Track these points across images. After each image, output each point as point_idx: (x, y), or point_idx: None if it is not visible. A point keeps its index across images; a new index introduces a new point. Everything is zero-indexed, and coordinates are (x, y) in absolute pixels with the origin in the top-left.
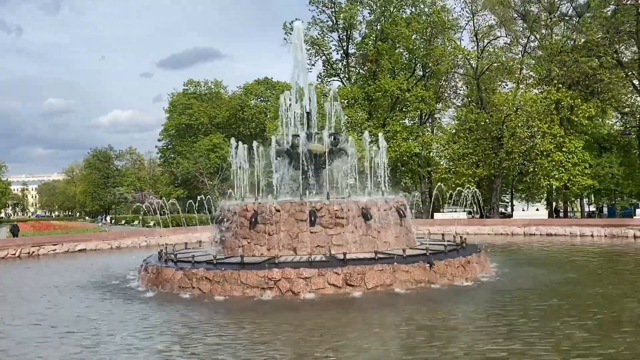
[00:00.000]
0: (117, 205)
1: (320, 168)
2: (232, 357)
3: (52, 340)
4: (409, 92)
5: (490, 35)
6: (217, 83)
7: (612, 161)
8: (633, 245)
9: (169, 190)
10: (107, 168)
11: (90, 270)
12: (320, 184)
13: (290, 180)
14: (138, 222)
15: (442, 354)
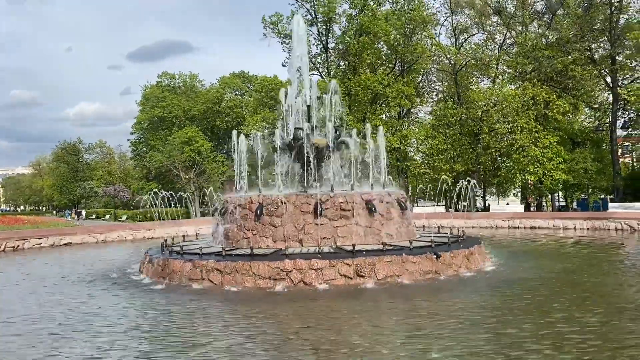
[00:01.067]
0: (87, 199)
1: (322, 161)
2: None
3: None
4: (389, 87)
5: (468, 32)
6: (193, 76)
7: (586, 156)
8: (616, 237)
9: (141, 184)
10: (77, 161)
11: (87, 263)
12: (321, 176)
13: (291, 172)
14: (110, 216)
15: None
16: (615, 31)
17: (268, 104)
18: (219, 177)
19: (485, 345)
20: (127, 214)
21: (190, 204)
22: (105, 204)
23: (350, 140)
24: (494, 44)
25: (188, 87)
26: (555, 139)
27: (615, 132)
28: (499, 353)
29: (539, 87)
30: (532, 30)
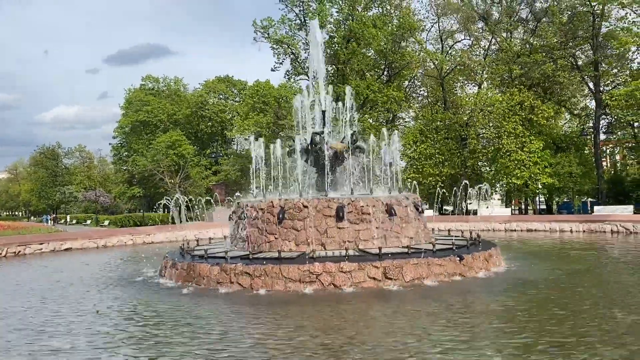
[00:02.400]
0: (66, 204)
1: (338, 165)
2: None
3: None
4: (379, 93)
5: (454, 37)
6: (177, 80)
7: (571, 160)
8: (615, 239)
9: (123, 188)
10: (56, 166)
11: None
12: (336, 180)
13: (308, 176)
14: (91, 221)
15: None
16: (598, 38)
17: (261, 108)
18: (203, 182)
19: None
20: (109, 219)
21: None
22: (85, 209)
23: (364, 145)
24: (480, 49)
25: (172, 91)
26: (540, 143)
27: (598, 136)
28: (556, 350)
29: (525, 93)
30: (517, 36)
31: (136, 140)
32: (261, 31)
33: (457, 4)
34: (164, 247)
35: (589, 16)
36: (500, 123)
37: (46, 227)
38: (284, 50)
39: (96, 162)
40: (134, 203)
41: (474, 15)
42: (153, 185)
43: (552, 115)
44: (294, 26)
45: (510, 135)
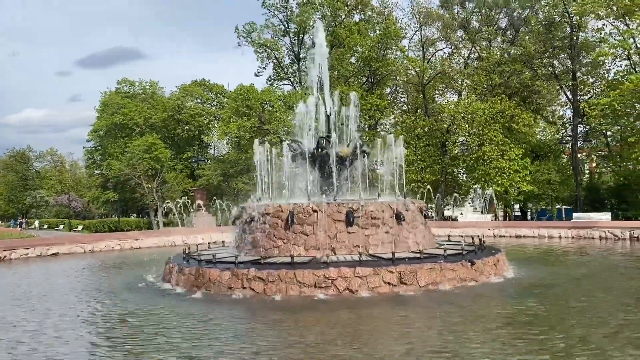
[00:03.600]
0: (37, 209)
1: (343, 170)
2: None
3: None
4: (363, 100)
5: (435, 46)
6: (153, 83)
7: (550, 168)
8: (606, 245)
9: (97, 193)
10: (26, 170)
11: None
12: (341, 185)
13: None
14: (64, 226)
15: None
16: (575, 48)
17: (244, 112)
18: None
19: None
20: (82, 224)
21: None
22: (57, 214)
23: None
24: (460, 57)
25: (148, 95)
26: (520, 151)
27: (576, 144)
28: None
29: (505, 101)
30: (496, 45)
31: (111, 144)
32: (244, 36)
33: (438, 12)
34: (153, 253)
35: (566, 26)
36: (482, 131)
37: (18, 232)
38: (268, 54)
39: (68, 166)
40: (107, 208)
41: (454, 24)
42: (129, 189)
43: (532, 124)
44: (278, 31)
45: (491, 142)
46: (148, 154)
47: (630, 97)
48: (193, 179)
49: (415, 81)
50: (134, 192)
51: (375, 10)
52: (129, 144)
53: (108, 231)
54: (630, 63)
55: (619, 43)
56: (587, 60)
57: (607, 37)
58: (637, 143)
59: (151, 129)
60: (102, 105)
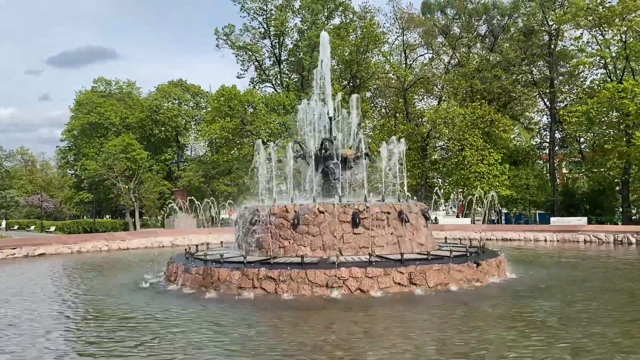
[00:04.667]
0: (7, 209)
1: (345, 171)
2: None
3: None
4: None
5: (417, 51)
6: (130, 83)
7: (528, 173)
8: (591, 248)
9: (70, 193)
10: None
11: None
12: (343, 186)
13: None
14: (35, 227)
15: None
16: (553, 56)
17: (227, 113)
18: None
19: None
20: (55, 225)
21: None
22: (27, 214)
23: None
24: (441, 63)
25: (125, 94)
26: (499, 156)
27: (554, 150)
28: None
29: (485, 107)
30: (476, 52)
31: (86, 144)
32: (223, 38)
33: (419, 18)
34: (142, 254)
35: (545, 34)
36: (462, 136)
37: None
38: (249, 57)
39: (39, 165)
40: (79, 209)
41: (435, 30)
42: (103, 190)
43: (511, 130)
44: (258, 34)
45: (471, 147)
46: (124, 154)
47: (607, 105)
48: (170, 181)
49: (396, 85)
50: (108, 193)
51: (357, 14)
52: (104, 144)
53: (83, 232)
54: (607, 72)
55: (597, 52)
56: (564, 69)
57: (585, 46)
58: (613, 150)
59: (127, 129)
60: (77, 104)
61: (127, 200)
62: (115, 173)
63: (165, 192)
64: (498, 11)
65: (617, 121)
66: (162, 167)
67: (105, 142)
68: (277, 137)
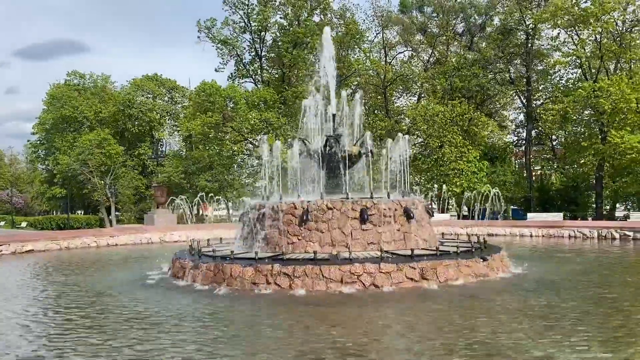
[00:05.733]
0: None
1: (349, 168)
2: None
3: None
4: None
5: (396, 49)
6: (105, 77)
7: (505, 169)
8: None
9: (42, 189)
10: None
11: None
12: (346, 182)
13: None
14: (5, 223)
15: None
16: (530, 55)
17: (207, 108)
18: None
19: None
20: (27, 221)
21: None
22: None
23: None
24: (420, 60)
25: (99, 88)
26: (477, 153)
27: (530, 147)
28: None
29: (465, 104)
30: (454, 50)
31: (59, 138)
32: (205, 31)
33: (398, 16)
34: (133, 250)
35: (522, 34)
36: (442, 133)
37: None
38: (229, 51)
39: (7, 160)
40: (51, 204)
41: (413, 28)
42: (76, 185)
43: (491, 127)
44: (238, 28)
45: (451, 144)
46: (100, 149)
47: (582, 104)
48: (144, 176)
49: (376, 82)
50: (82, 188)
51: (336, 12)
52: (78, 139)
53: (57, 229)
54: (582, 71)
55: (574, 52)
56: (540, 67)
57: (562, 45)
58: (589, 148)
59: (101, 124)
60: (49, 98)
61: (102, 195)
62: (90, 168)
63: (141, 188)
64: (475, 10)
65: (592, 119)
66: (137, 163)
67: (79, 137)
68: (258, 133)
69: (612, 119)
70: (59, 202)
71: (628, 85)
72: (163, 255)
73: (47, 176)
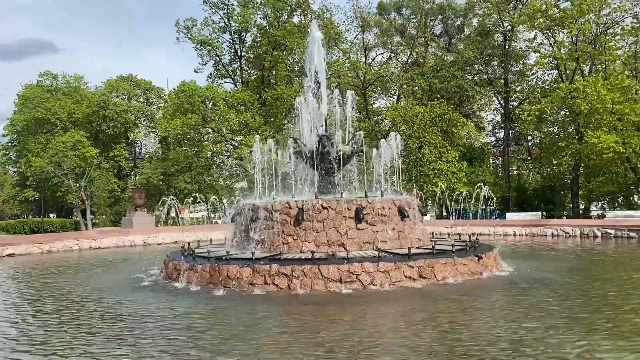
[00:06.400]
0: None
1: (340, 168)
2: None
3: None
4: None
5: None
6: (78, 77)
7: (485, 170)
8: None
9: (13, 192)
10: None
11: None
12: (338, 183)
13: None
14: None
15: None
16: (508, 56)
17: (187, 109)
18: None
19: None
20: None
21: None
22: None
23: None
24: (398, 62)
25: (72, 89)
26: (456, 154)
27: (508, 148)
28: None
29: (444, 105)
30: (432, 51)
31: (31, 140)
32: (184, 32)
33: (376, 18)
34: (117, 253)
35: (499, 35)
36: (422, 134)
37: None
38: (208, 51)
39: None
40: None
41: (392, 29)
42: (49, 188)
43: (469, 128)
44: (218, 29)
45: (430, 145)
46: (74, 151)
47: (559, 105)
48: (119, 178)
49: (355, 83)
50: (55, 191)
51: (316, 13)
52: (51, 140)
53: (30, 232)
54: (559, 72)
55: (551, 53)
56: (516, 68)
57: (539, 47)
58: (566, 148)
59: (75, 125)
60: (21, 99)
61: (77, 198)
62: (65, 170)
63: (116, 190)
64: (453, 12)
65: (568, 120)
66: (112, 165)
67: (52, 139)
68: (238, 134)
69: (588, 119)
70: (32, 205)
71: (604, 86)
72: (150, 258)
73: (19, 179)
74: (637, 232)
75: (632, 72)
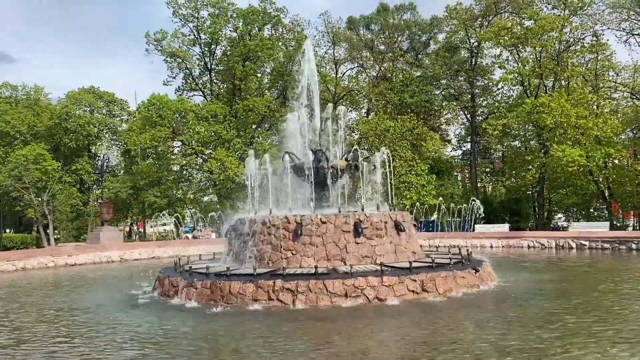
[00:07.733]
0: None
1: (335, 182)
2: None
3: None
4: (277, 112)
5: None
6: (38, 89)
7: (453, 182)
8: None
9: None
10: None
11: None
12: (333, 197)
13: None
14: None
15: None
16: (474, 72)
17: (156, 122)
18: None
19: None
20: None
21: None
22: None
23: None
24: (367, 76)
25: (32, 101)
26: (426, 167)
27: (475, 161)
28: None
29: (414, 119)
30: (400, 66)
31: None
32: (154, 44)
33: (346, 33)
34: (96, 270)
35: (466, 51)
36: (392, 147)
37: None
38: (178, 64)
39: None
40: None
41: (361, 45)
42: (7, 202)
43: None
44: (188, 41)
45: (401, 159)
46: (35, 164)
47: (525, 119)
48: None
49: (326, 97)
50: (13, 206)
51: (287, 27)
52: (10, 154)
53: None
54: (524, 88)
55: (516, 69)
56: (482, 83)
57: (504, 63)
58: (533, 161)
59: (35, 138)
60: None
61: (38, 213)
62: (26, 184)
63: (79, 205)
64: (419, 27)
65: (532, 134)
66: (74, 179)
67: (11, 152)
68: (208, 146)
69: (553, 133)
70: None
71: (568, 101)
72: (135, 274)
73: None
74: (611, 244)
75: (593, 88)
